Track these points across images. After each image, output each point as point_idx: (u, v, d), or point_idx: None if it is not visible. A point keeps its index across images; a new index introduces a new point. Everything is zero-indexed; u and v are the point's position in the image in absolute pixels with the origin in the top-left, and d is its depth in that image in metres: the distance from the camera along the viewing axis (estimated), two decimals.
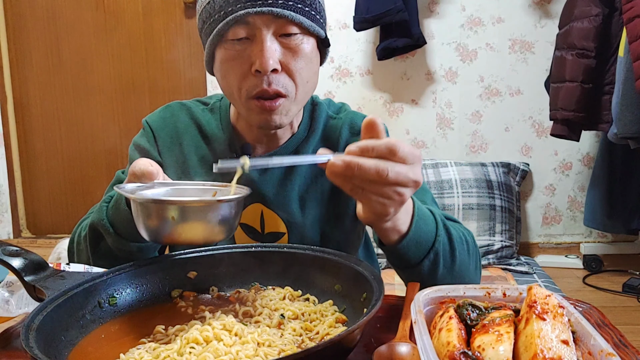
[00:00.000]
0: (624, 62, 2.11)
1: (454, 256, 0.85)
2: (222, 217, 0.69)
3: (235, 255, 0.82)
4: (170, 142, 1.05)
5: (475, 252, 0.92)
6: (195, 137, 1.05)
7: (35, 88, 3.39)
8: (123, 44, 3.28)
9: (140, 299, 0.76)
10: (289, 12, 0.86)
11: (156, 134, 1.05)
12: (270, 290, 0.79)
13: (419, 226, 0.80)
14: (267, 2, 0.85)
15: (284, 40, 0.88)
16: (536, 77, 2.87)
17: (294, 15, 0.86)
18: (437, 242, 0.82)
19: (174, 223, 0.67)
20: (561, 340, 0.52)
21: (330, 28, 2.98)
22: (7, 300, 0.79)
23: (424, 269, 0.83)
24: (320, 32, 0.92)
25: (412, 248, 0.81)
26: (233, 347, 0.60)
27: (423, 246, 0.82)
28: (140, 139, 1.06)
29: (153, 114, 1.09)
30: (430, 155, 3.02)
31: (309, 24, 0.89)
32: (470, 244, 0.91)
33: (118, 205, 0.85)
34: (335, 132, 1.05)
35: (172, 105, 1.09)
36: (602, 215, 2.72)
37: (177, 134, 1.05)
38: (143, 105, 3.32)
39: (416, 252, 0.81)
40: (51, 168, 3.44)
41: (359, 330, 0.58)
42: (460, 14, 2.91)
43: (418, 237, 0.81)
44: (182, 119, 1.07)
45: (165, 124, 1.06)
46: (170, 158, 1.04)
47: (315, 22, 0.91)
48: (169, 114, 1.08)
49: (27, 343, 0.55)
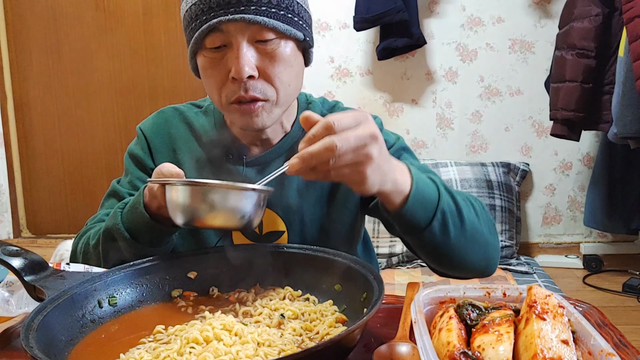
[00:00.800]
0: (624, 62, 2.11)
1: (461, 215, 0.83)
2: (254, 204, 0.74)
3: (236, 255, 0.82)
4: (164, 148, 1.06)
5: (483, 214, 0.90)
6: (190, 141, 1.05)
7: (35, 88, 3.39)
8: (123, 44, 3.28)
9: (140, 299, 0.76)
10: (261, 18, 0.85)
11: (150, 142, 1.06)
12: (270, 290, 0.79)
13: (419, 186, 0.79)
14: (239, 9, 0.84)
15: (261, 45, 0.88)
16: (536, 77, 2.87)
17: (267, 21, 0.86)
18: (441, 201, 0.81)
19: (210, 207, 0.72)
20: (561, 340, 0.52)
21: (330, 28, 2.98)
22: (7, 300, 0.79)
23: (436, 231, 0.80)
24: (298, 35, 0.91)
25: (418, 208, 0.79)
26: (233, 347, 0.60)
27: (429, 206, 0.80)
28: (135, 147, 1.08)
29: (146, 121, 1.10)
30: (430, 155, 3.02)
31: (284, 28, 0.88)
32: (476, 206, 0.89)
33: (135, 208, 0.86)
34: None
35: (165, 111, 1.10)
36: (602, 215, 2.72)
37: (171, 139, 1.06)
38: (143, 105, 3.32)
39: (423, 213, 0.80)
40: (51, 168, 3.44)
41: (359, 330, 0.58)
42: (460, 14, 2.91)
43: (421, 197, 0.79)
44: (175, 124, 1.07)
45: (159, 131, 1.07)
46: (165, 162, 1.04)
47: (293, 24, 0.90)
48: (162, 120, 1.08)
49: (27, 343, 0.55)
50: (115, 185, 1.06)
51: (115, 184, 1.07)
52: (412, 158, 1.03)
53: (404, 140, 1.07)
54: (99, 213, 1.05)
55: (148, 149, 1.06)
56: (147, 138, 1.07)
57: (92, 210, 1.06)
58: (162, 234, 0.85)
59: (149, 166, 1.05)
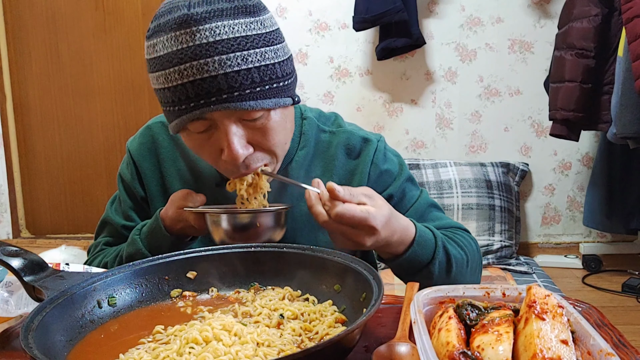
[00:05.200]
0: (623, 62, 2.11)
1: (449, 273, 0.93)
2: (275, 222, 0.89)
3: (235, 255, 0.82)
4: (152, 172, 1.06)
5: (474, 266, 0.99)
6: (178, 162, 1.05)
7: (34, 88, 3.39)
8: (123, 44, 3.28)
9: (140, 299, 0.76)
10: (248, 104, 0.80)
11: (138, 166, 1.06)
12: (269, 290, 0.79)
13: (415, 251, 0.89)
14: (221, 97, 0.79)
15: (249, 123, 0.84)
16: (535, 77, 2.87)
17: (253, 104, 0.80)
18: (432, 264, 0.91)
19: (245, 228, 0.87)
20: (560, 340, 0.52)
21: (330, 28, 2.98)
22: (6, 300, 0.79)
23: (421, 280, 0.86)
24: (287, 103, 0.86)
25: (405, 266, 0.91)
26: (232, 347, 0.60)
27: (416, 266, 0.91)
28: (124, 171, 1.09)
29: (134, 139, 1.09)
30: (430, 155, 3.02)
31: (272, 103, 0.83)
32: (470, 259, 0.97)
33: (156, 233, 0.95)
34: (329, 150, 1.03)
35: (152, 127, 1.08)
36: (602, 215, 2.72)
37: (159, 162, 1.06)
38: (143, 105, 3.32)
39: (409, 270, 0.92)
40: (50, 168, 3.44)
41: (358, 330, 0.58)
42: (460, 14, 2.91)
43: (411, 260, 0.89)
44: (163, 144, 1.06)
45: (146, 154, 1.06)
46: (154, 187, 1.06)
47: (280, 94, 0.84)
48: (148, 139, 1.07)
49: (27, 343, 0.55)
50: (109, 213, 1.10)
51: (109, 212, 1.10)
52: (415, 188, 1.06)
53: (406, 166, 1.07)
54: (99, 242, 1.10)
55: (136, 173, 1.06)
56: (135, 162, 1.06)
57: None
58: (183, 245, 0.97)
59: (138, 194, 1.07)
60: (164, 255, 0.81)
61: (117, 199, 1.11)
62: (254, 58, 0.80)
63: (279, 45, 0.85)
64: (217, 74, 0.78)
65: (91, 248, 1.11)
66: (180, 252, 0.82)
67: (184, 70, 0.78)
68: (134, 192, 1.07)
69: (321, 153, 1.03)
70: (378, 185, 1.00)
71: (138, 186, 1.06)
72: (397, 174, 1.04)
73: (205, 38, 0.77)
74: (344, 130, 1.04)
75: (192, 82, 0.78)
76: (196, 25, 0.77)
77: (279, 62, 0.84)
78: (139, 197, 1.07)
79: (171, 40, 0.79)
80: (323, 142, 1.03)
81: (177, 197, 0.95)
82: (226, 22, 0.79)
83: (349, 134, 1.03)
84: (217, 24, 0.78)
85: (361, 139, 1.03)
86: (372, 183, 1.01)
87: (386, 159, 1.04)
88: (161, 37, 0.80)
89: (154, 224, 0.96)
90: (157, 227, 0.95)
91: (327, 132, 1.04)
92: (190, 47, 0.78)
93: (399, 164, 1.05)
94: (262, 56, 0.81)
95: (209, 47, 0.77)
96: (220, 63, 0.78)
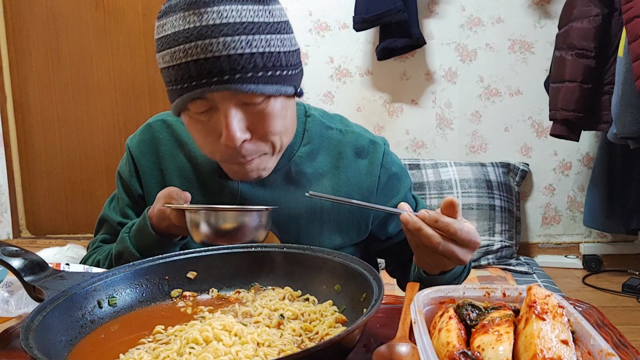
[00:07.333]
0: (624, 62, 2.11)
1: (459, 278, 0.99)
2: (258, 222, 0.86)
3: (235, 255, 0.82)
4: (151, 170, 1.05)
5: None
6: (179, 159, 1.04)
7: (34, 88, 3.39)
8: (123, 44, 3.27)
9: (140, 299, 0.76)
10: (248, 87, 0.80)
11: (137, 163, 1.06)
12: (269, 291, 0.79)
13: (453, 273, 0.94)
14: (223, 78, 0.79)
15: (249, 108, 0.84)
16: (536, 77, 2.87)
17: (254, 88, 0.81)
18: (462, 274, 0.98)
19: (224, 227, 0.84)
20: (561, 340, 0.52)
21: (330, 28, 2.98)
22: (6, 300, 0.79)
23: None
24: (288, 91, 0.87)
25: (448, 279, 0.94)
26: (233, 347, 0.60)
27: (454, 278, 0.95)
28: (123, 168, 1.08)
29: (134, 137, 1.08)
30: (430, 156, 3.02)
31: (274, 89, 0.83)
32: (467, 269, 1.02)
33: (142, 232, 0.94)
34: (337, 148, 1.03)
35: (153, 125, 1.07)
36: (602, 215, 2.72)
37: (159, 159, 1.05)
38: (143, 105, 3.32)
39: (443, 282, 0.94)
40: (51, 168, 3.44)
41: (358, 330, 0.58)
42: (460, 14, 2.91)
43: (454, 272, 0.94)
44: (163, 141, 1.06)
45: (146, 150, 1.06)
46: (153, 184, 1.05)
47: (282, 81, 0.85)
48: (149, 137, 1.06)
49: (27, 343, 0.55)
50: (107, 211, 1.10)
51: (107, 209, 1.10)
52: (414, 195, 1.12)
53: (410, 179, 1.09)
54: (96, 239, 1.11)
55: (135, 171, 1.06)
56: (134, 159, 1.06)
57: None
58: (170, 246, 0.94)
59: (136, 192, 1.06)
60: (164, 255, 0.81)
61: (115, 196, 1.11)
62: (258, 43, 0.81)
63: (286, 36, 0.86)
64: (220, 55, 0.79)
65: (89, 245, 1.12)
66: (180, 252, 0.82)
67: (188, 49, 0.79)
68: (132, 189, 1.06)
69: (328, 149, 1.03)
70: (387, 188, 1.03)
71: (136, 183, 1.06)
72: (404, 179, 1.07)
73: (212, 20, 0.79)
74: (352, 131, 1.05)
75: (196, 61, 0.79)
76: (205, 7, 0.79)
77: (285, 52, 0.85)
78: (136, 195, 1.06)
79: (179, 20, 0.80)
80: (330, 139, 1.04)
81: (162, 195, 0.92)
82: (234, 6, 0.80)
83: (357, 135, 1.05)
84: (226, 7, 0.79)
85: (369, 141, 1.04)
86: (382, 185, 1.03)
87: (393, 162, 1.06)
88: (170, 17, 0.81)
89: (142, 223, 0.95)
90: (145, 226, 0.93)
91: (335, 130, 1.05)
92: (197, 27, 0.79)
93: (403, 169, 1.09)
94: (267, 43, 0.82)
95: (215, 28, 0.79)
96: (225, 44, 0.79)
